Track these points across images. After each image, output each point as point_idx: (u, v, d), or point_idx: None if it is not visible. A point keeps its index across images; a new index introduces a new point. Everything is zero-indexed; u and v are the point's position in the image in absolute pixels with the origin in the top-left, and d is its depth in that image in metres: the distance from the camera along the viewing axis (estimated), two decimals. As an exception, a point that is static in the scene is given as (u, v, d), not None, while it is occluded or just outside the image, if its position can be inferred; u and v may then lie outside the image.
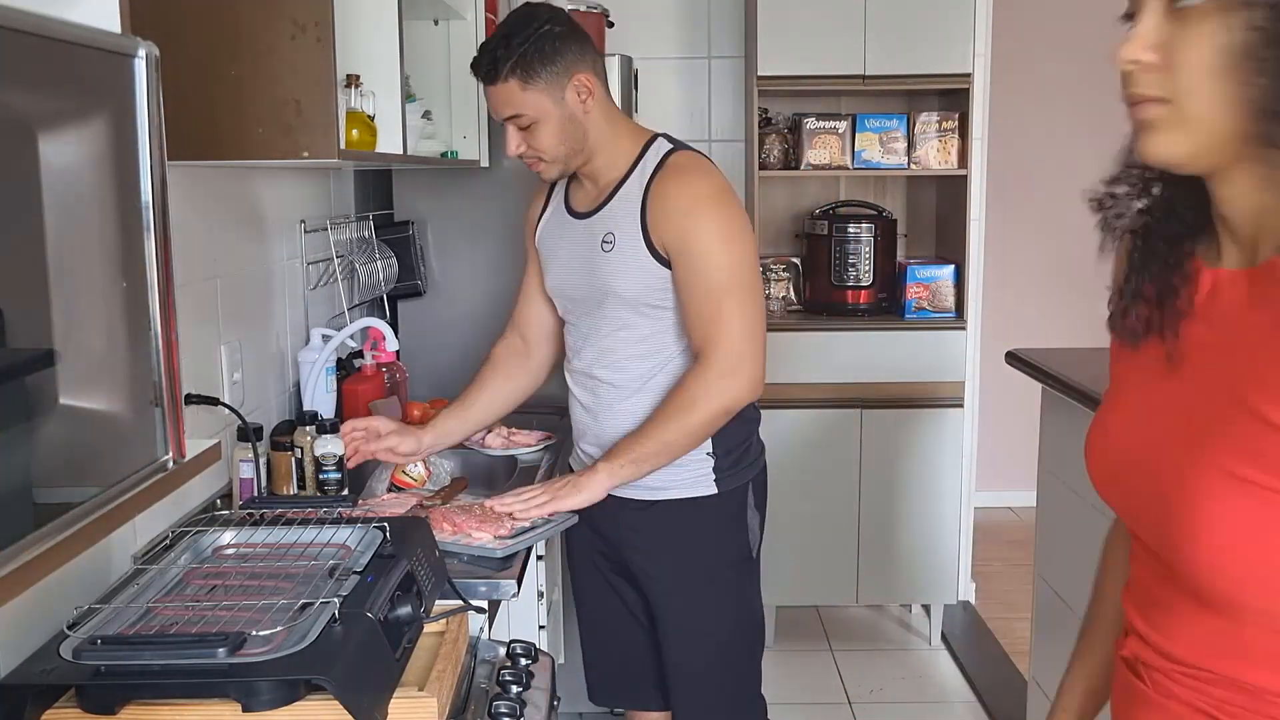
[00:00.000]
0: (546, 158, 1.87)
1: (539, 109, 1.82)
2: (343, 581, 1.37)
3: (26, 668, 1.22)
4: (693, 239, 1.82)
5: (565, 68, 1.81)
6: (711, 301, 1.82)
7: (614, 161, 1.90)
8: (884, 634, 3.74)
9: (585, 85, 1.83)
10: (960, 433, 3.54)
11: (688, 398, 1.84)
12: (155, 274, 1.18)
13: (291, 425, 2.08)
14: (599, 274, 1.90)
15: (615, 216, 1.89)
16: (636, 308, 1.89)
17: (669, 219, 1.83)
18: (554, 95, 1.82)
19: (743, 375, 1.84)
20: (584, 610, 2.20)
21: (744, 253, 1.86)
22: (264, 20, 1.66)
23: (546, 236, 2.05)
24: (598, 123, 1.87)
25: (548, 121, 1.83)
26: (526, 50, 1.79)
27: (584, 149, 1.88)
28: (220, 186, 2.06)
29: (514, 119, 1.84)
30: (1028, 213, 4.82)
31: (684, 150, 1.91)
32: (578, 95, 1.83)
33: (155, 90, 1.16)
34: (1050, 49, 4.74)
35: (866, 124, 3.50)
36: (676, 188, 1.84)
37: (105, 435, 1.18)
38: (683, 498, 1.94)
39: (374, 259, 2.75)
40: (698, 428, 1.85)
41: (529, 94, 1.81)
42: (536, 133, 1.84)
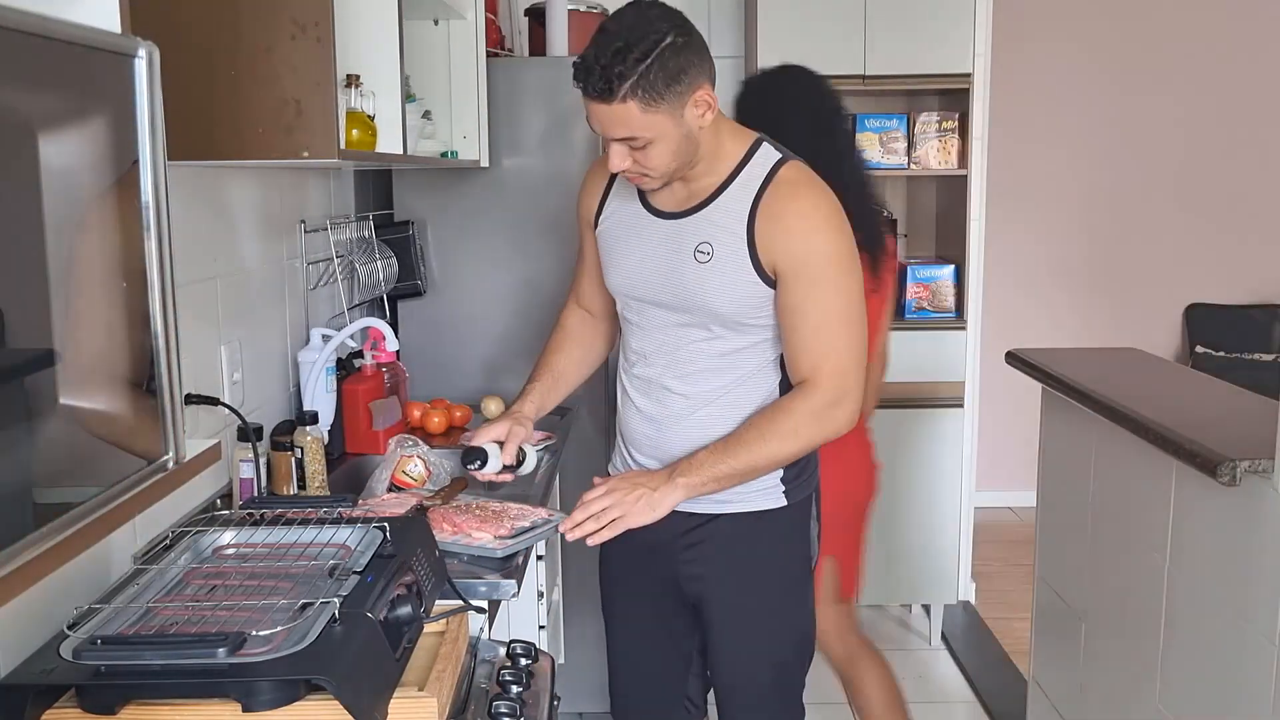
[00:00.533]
0: (655, 175, 1.70)
1: (659, 131, 1.63)
2: (343, 581, 1.37)
3: (26, 668, 1.22)
4: (813, 264, 1.70)
5: (689, 85, 1.62)
6: (827, 330, 1.72)
7: (714, 166, 1.75)
8: (884, 634, 3.74)
9: (706, 101, 1.65)
10: (960, 433, 3.53)
11: (791, 425, 1.74)
12: (155, 274, 1.18)
13: (291, 425, 2.08)
14: (690, 285, 1.76)
15: (713, 226, 1.74)
16: (728, 324, 1.77)
17: (787, 239, 1.70)
18: (675, 115, 1.63)
19: (847, 408, 1.75)
20: (619, 631, 2.06)
21: (859, 281, 1.76)
22: (264, 20, 1.66)
23: (613, 230, 1.86)
24: (708, 133, 1.71)
25: (665, 141, 1.64)
26: (650, 68, 1.58)
27: (694, 161, 1.72)
28: (220, 186, 2.06)
29: (627, 140, 1.64)
30: (1028, 213, 4.83)
31: (793, 161, 1.76)
32: (697, 109, 1.65)
33: (155, 90, 1.16)
34: (1050, 49, 4.74)
35: (866, 124, 3.50)
36: (795, 204, 1.71)
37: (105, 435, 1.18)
38: (750, 511, 1.84)
39: (374, 259, 2.75)
40: (789, 455, 1.77)
41: (650, 116, 1.61)
42: (649, 152, 1.65)
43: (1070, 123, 4.81)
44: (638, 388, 1.88)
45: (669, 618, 1.98)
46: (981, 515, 4.12)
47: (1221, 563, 1.83)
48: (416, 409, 2.62)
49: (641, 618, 2.01)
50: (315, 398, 2.29)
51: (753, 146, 1.77)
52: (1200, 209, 4.88)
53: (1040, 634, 2.69)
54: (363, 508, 1.80)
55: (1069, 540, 2.49)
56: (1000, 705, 3.20)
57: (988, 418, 4.13)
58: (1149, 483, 2.06)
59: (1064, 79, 4.77)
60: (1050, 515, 2.62)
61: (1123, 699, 2.20)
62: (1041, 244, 4.89)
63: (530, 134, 2.90)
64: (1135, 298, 4.94)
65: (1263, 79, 4.79)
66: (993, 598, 3.97)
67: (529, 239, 2.93)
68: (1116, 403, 2.08)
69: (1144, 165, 4.85)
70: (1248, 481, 1.69)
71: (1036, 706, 2.68)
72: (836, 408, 1.75)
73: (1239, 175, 4.85)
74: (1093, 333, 4.88)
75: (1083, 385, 2.25)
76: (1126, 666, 2.17)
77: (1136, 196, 4.87)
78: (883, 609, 3.88)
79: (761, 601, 1.90)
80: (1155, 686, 2.04)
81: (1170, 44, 4.75)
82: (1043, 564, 2.66)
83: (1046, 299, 4.93)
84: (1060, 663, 2.54)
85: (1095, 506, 2.33)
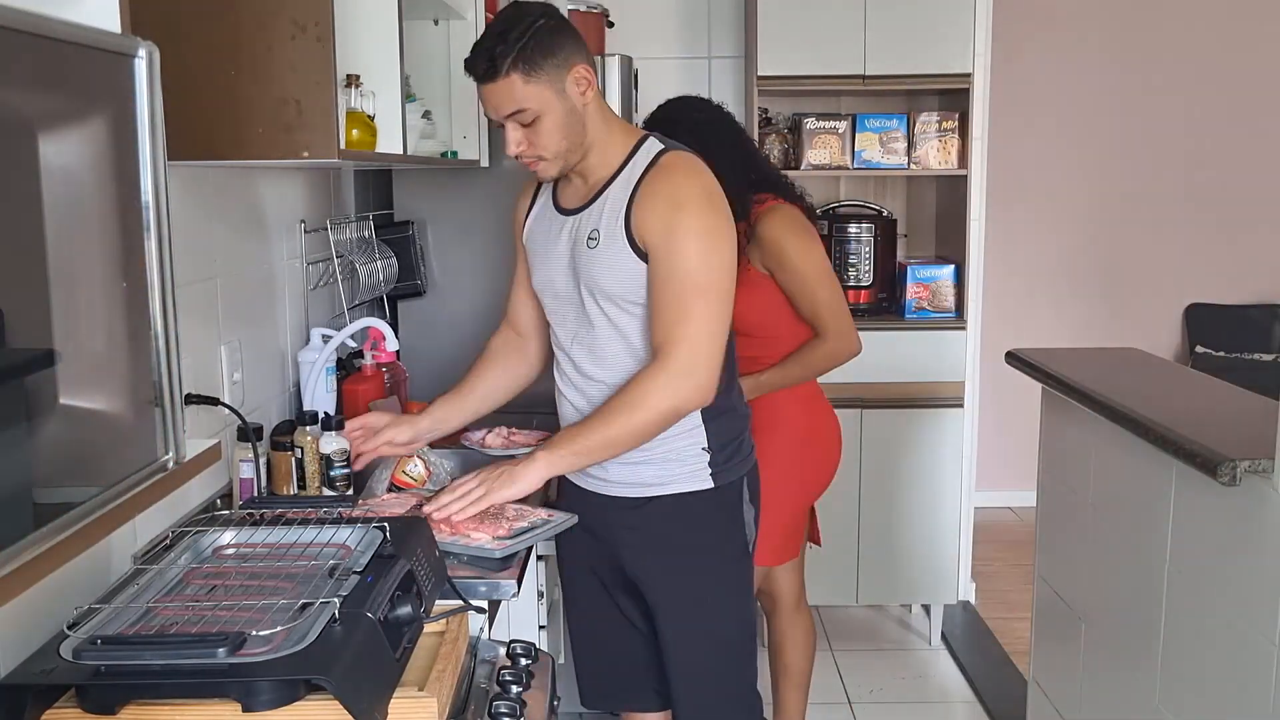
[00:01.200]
0: (549, 155, 1.82)
1: (542, 102, 1.76)
2: (343, 581, 1.37)
3: (26, 668, 1.22)
4: (673, 235, 1.79)
5: (565, 59, 1.77)
6: (681, 300, 1.79)
7: (605, 159, 1.87)
8: (884, 634, 3.74)
9: (585, 77, 1.80)
10: (960, 433, 3.54)
11: (638, 394, 1.80)
12: (155, 274, 1.18)
13: (291, 425, 2.08)
14: (583, 270, 1.87)
15: (602, 213, 1.86)
16: (621, 305, 1.86)
17: (654, 215, 1.80)
18: (556, 87, 1.77)
19: (697, 378, 1.80)
20: (574, 613, 2.17)
21: (722, 257, 1.83)
22: (264, 20, 1.66)
23: (534, 234, 2.01)
24: (594, 118, 1.83)
25: (551, 115, 1.78)
26: (526, 43, 1.74)
27: (583, 144, 1.84)
28: (220, 186, 2.06)
29: (516, 115, 1.78)
30: (1028, 213, 4.83)
31: (675, 150, 1.88)
32: (578, 87, 1.79)
33: (155, 90, 1.16)
34: (1050, 49, 4.74)
35: (866, 124, 3.50)
36: (664, 185, 1.81)
37: (105, 435, 1.18)
38: (679, 493, 1.92)
39: (374, 259, 2.75)
40: (642, 426, 1.81)
41: (531, 87, 1.75)
42: (539, 129, 1.79)
43: (1070, 123, 4.81)
44: (564, 380, 2.00)
45: (621, 603, 2.07)
46: (981, 515, 4.12)
47: (1221, 563, 1.83)
48: (416, 409, 2.62)
49: (595, 602, 2.10)
50: (315, 398, 2.29)
51: (640, 140, 1.89)
52: (1200, 209, 4.88)
53: (1040, 634, 2.69)
54: (363, 508, 1.80)
55: (1069, 540, 2.49)
56: (1000, 705, 3.20)
57: (988, 418, 4.13)
58: (1149, 483, 2.06)
59: (1064, 79, 4.77)
60: (1050, 515, 2.62)
61: (1123, 699, 2.20)
62: (1041, 244, 4.89)
63: (530, 134, 2.90)
64: (1135, 298, 4.94)
65: (1262, 78, 4.79)
66: (993, 598, 3.97)
67: (529, 239, 2.93)
68: (1116, 403, 2.08)
69: (1144, 165, 4.85)
70: (1248, 481, 1.69)
71: (1036, 706, 2.68)
72: (683, 378, 1.79)
73: (1239, 175, 4.85)
74: (1093, 333, 4.88)
75: (1083, 385, 2.25)
76: (1126, 666, 2.17)
77: (1137, 196, 4.87)
78: (883, 609, 3.88)
79: (696, 583, 1.97)
80: (1155, 686, 2.04)
81: (1170, 44, 4.76)
82: (1043, 564, 2.66)
83: (1046, 299, 4.93)
84: (1060, 663, 2.54)
85: (1095, 507, 2.33)
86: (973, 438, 3.78)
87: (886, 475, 3.52)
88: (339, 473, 2.03)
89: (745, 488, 1.99)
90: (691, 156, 1.88)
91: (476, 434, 2.42)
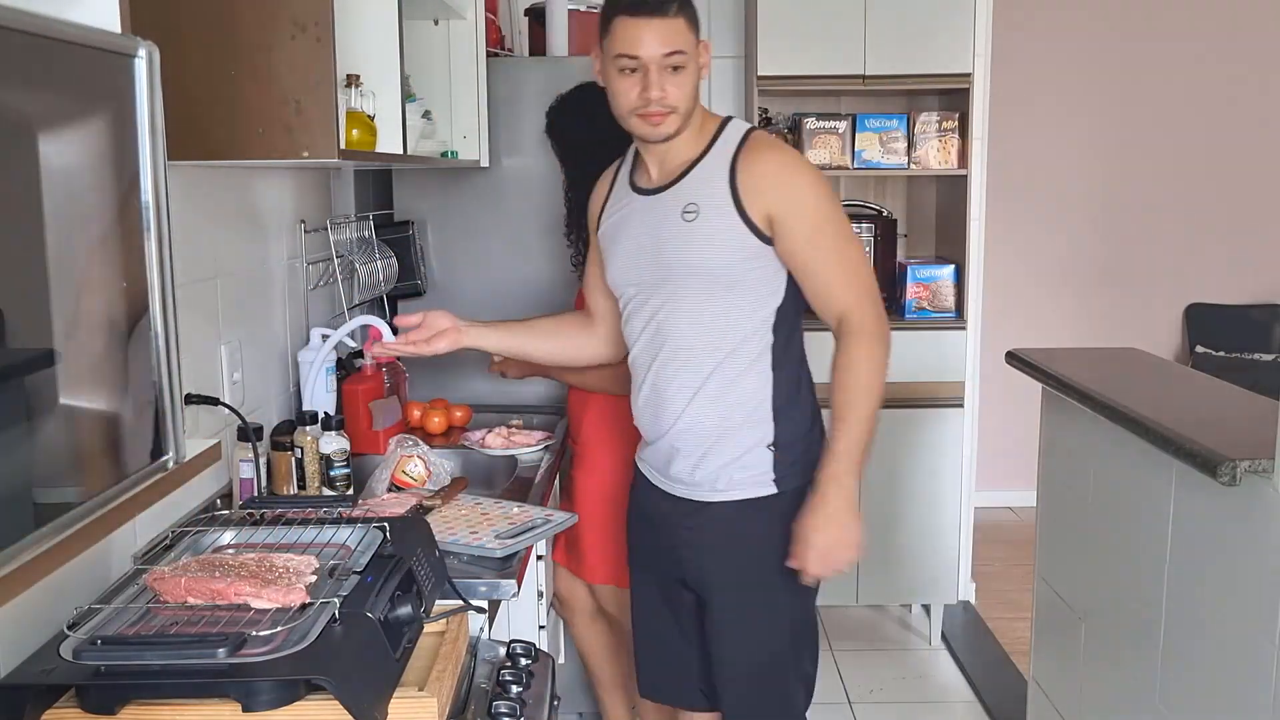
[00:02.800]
0: (681, 107, 1.82)
1: (692, 52, 1.82)
2: (343, 581, 1.37)
3: (26, 668, 1.22)
4: (801, 199, 1.81)
5: (699, 31, 1.86)
6: (840, 252, 1.84)
7: (692, 137, 1.87)
8: (884, 634, 3.74)
9: (708, 51, 1.88)
10: (960, 433, 3.53)
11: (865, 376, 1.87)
12: (155, 274, 1.18)
13: (291, 425, 2.08)
14: (676, 246, 1.84)
15: (697, 188, 1.85)
16: (720, 280, 1.83)
17: (774, 186, 1.81)
18: (696, 50, 1.83)
19: (885, 324, 1.89)
20: (635, 603, 2.15)
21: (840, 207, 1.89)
22: (264, 20, 1.66)
23: (611, 224, 1.98)
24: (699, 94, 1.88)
25: (691, 70, 1.82)
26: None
27: (694, 110, 1.86)
28: (220, 186, 2.06)
29: (671, 56, 1.79)
30: (1028, 213, 4.82)
31: (761, 130, 1.92)
32: (703, 58, 1.86)
33: (155, 90, 1.17)
34: (1050, 49, 4.74)
35: (866, 124, 3.50)
36: (771, 153, 1.84)
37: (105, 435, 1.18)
38: (742, 499, 1.89)
39: (374, 259, 2.75)
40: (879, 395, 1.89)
41: (690, 36, 1.82)
42: (680, 79, 1.81)
43: (1070, 122, 4.81)
44: (638, 375, 1.95)
45: (675, 596, 2.04)
46: (981, 515, 4.12)
47: (1221, 562, 1.83)
48: (416, 409, 2.63)
49: (652, 597, 2.09)
50: (315, 398, 2.29)
51: (725, 120, 1.91)
52: (1200, 209, 4.88)
53: (1040, 634, 2.69)
54: (363, 508, 1.80)
55: (1069, 540, 2.49)
56: (1000, 705, 3.20)
57: (988, 418, 4.12)
58: (1149, 483, 2.06)
59: (1064, 79, 4.77)
60: (1050, 515, 2.62)
61: (1123, 699, 2.20)
62: (1041, 244, 4.89)
63: (530, 134, 2.90)
64: (1135, 298, 4.94)
65: (1262, 79, 4.79)
66: (993, 598, 3.97)
67: (529, 239, 2.93)
68: (1116, 403, 2.08)
69: (1144, 165, 4.85)
70: (1248, 481, 1.69)
71: (1036, 706, 2.68)
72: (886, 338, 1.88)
73: (1239, 175, 4.85)
74: (1093, 333, 4.88)
75: (1083, 385, 2.25)
76: (1126, 666, 2.17)
77: (1137, 196, 4.87)
78: (883, 609, 3.88)
79: (753, 588, 1.93)
80: (1155, 686, 2.04)
81: (1169, 44, 4.75)
82: (1043, 564, 2.66)
83: (1046, 299, 4.93)
84: (1060, 663, 2.54)
85: (1095, 506, 2.33)
86: (973, 438, 3.78)
87: (886, 475, 3.52)
88: (339, 473, 2.03)
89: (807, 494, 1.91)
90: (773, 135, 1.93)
91: (476, 434, 2.43)
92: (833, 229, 1.83)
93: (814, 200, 1.82)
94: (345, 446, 2.04)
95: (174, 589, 1.32)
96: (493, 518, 1.90)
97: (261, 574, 1.34)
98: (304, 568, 1.37)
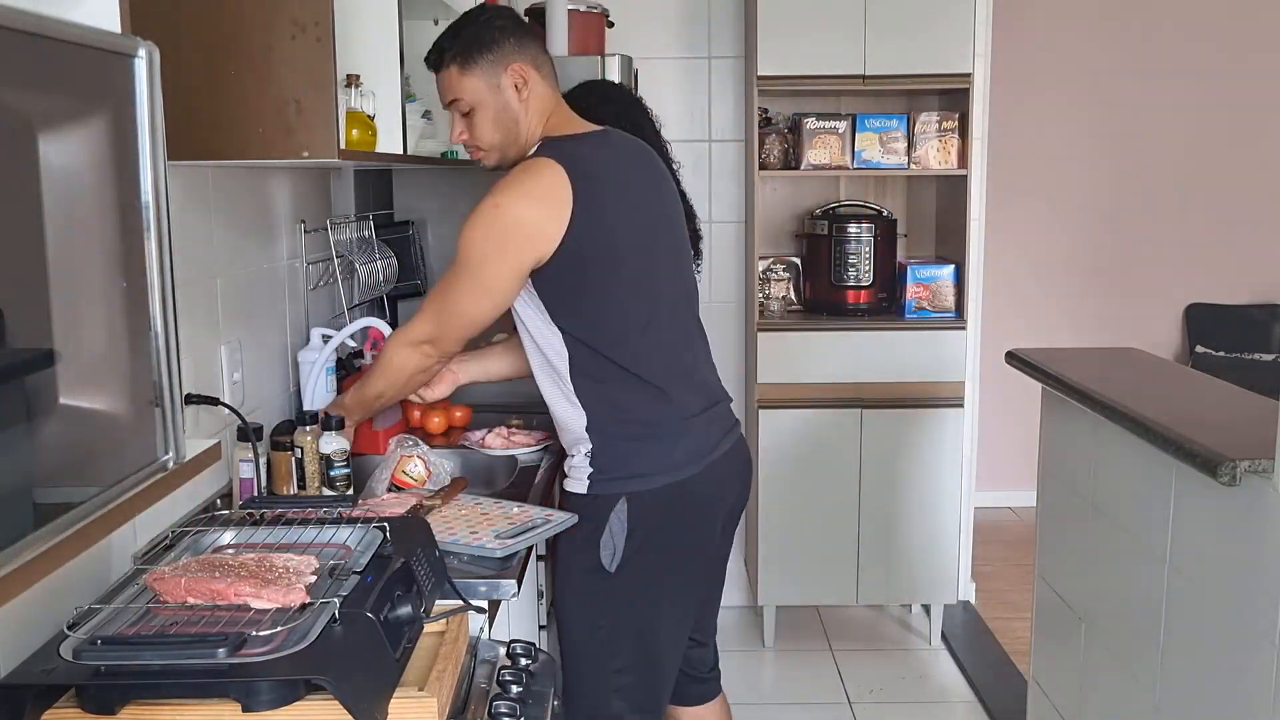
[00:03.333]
0: (484, 146, 1.92)
1: (475, 95, 1.88)
2: (343, 581, 1.37)
3: (26, 668, 1.22)
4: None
5: (503, 56, 1.87)
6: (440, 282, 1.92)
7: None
8: (884, 634, 3.74)
9: (522, 75, 1.88)
10: (960, 433, 3.53)
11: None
12: (155, 274, 1.18)
13: (291, 425, 2.08)
14: None
15: None
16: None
17: None
18: (491, 83, 1.88)
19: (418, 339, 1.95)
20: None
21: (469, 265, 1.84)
22: (264, 20, 1.66)
23: None
24: (532, 118, 1.91)
25: (484, 109, 1.89)
26: (468, 39, 1.87)
27: (516, 140, 1.91)
28: (220, 186, 2.06)
29: (452, 104, 1.91)
30: (1027, 213, 4.83)
31: (529, 159, 1.88)
32: (514, 85, 1.88)
33: (155, 90, 1.16)
34: (1050, 49, 4.74)
35: (866, 124, 3.49)
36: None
37: (105, 435, 1.18)
38: (567, 489, 1.96)
39: (374, 259, 2.75)
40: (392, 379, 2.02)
41: (466, 80, 1.88)
42: (474, 120, 1.90)
43: (1070, 123, 4.81)
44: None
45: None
46: (981, 515, 4.12)
47: (1221, 562, 1.83)
48: (416, 409, 2.62)
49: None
50: (315, 398, 2.29)
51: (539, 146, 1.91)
52: (1200, 209, 4.88)
53: (1040, 634, 2.69)
54: (363, 508, 1.80)
55: (1069, 540, 2.49)
56: (1000, 705, 3.20)
57: (988, 418, 4.13)
58: (1149, 483, 2.06)
59: (1064, 79, 4.77)
60: (1050, 515, 2.62)
61: (1123, 699, 2.20)
62: (1041, 244, 4.89)
63: (530, 134, 2.90)
64: (1135, 298, 4.94)
65: (1262, 79, 4.79)
66: (993, 598, 3.97)
67: (529, 239, 2.93)
68: (1116, 403, 2.08)
69: (1144, 165, 4.85)
70: (1248, 481, 1.69)
71: (1036, 706, 2.68)
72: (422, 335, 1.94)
73: (1239, 175, 4.85)
74: (1093, 333, 4.88)
75: (1083, 385, 2.25)
76: (1126, 666, 2.17)
77: (1137, 196, 4.87)
78: (883, 609, 3.89)
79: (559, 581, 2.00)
80: (1155, 686, 2.04)
81: (1170, 44, 4.76)
82: (1043, 564, 2.66)
83: (1046, 299, 4.93)
84: (1060, 663, 2.54)
85: (1095, 506, 2.33)
86: (973, 438, 3.78)
87: (886, 475, 3.52)
88: (339, 473, 2.03)
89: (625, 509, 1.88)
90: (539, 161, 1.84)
91: (476, 434, 2.43)
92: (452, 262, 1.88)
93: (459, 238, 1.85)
94: (345, 446, 2.04)
95: (174, 589, 1.32)
96: (492, 518, 1.90)
97: (261, 574, 1.34)
98: (304, 568, 1.37)
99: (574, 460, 1.94)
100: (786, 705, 3.27)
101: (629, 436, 1.91)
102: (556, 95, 1.96)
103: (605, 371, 1.88)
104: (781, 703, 3.30)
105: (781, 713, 3.23)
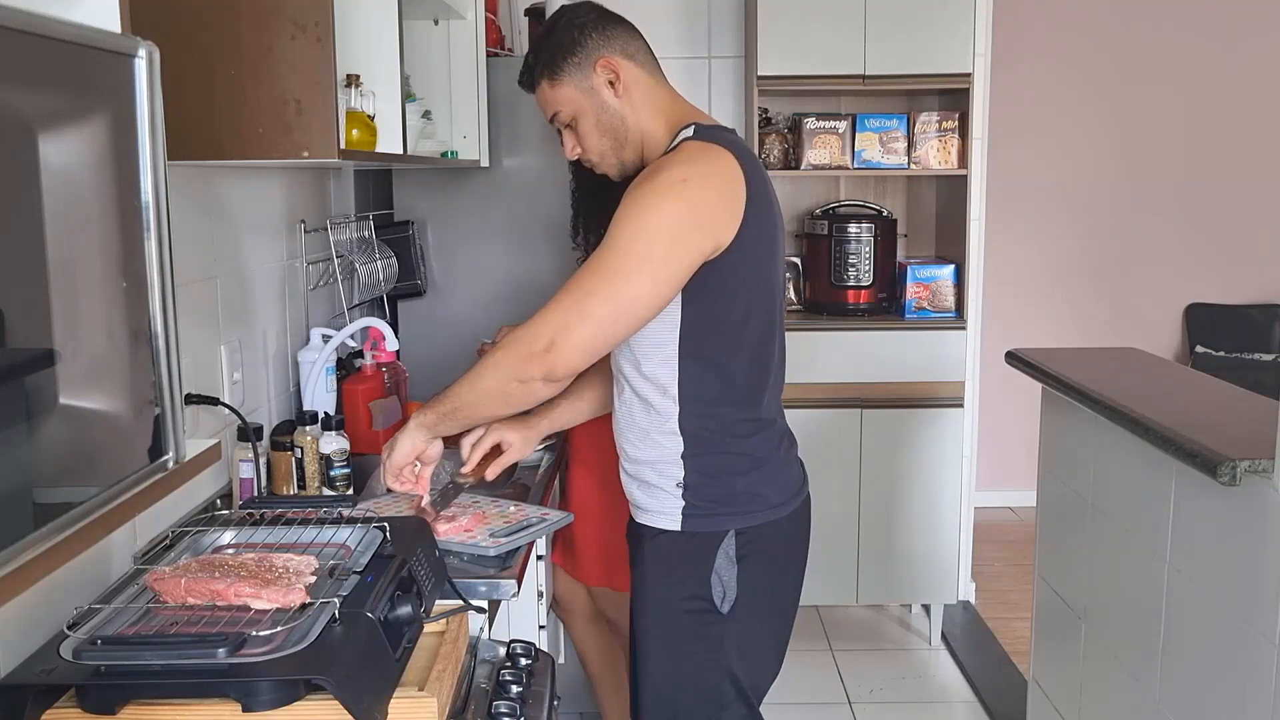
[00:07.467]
0: (595, 156, 1.77)
1: (571, 105, 1.74)
2: (343, 581, 1.37)
3: (26, 668, 1.22)
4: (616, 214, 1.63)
5: (587, 55, 1.72)
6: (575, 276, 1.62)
7: (652, 156, 1.75)
8: (884, 634, 3.74)
9: (611, 70, 1.72)
10: (960, 433, 3.53)
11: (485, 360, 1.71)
12: (155, 274, 1.18)
13: (291, 425, 2.09)
14: None
15: None
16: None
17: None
18: (582, 87, 1.73)
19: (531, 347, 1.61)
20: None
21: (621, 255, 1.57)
22: (264, 20, 1.66)
23: None
24: (640, 112, 1.74)
25: (585, 116, 1.74)
26: (550, 48, 1.74)
27: (628, 139, 1.75)
28: (220, 186, 2.06)
29: (555, 119, 1.78)
30: (1028, 213, 4.83)
31: (694, 141, 1.68)
32: (607, 82, 1.72)
33: (155, 90, 1.16)
34: (1050, 49, 4.74)
35: (866, 124, 3.50)
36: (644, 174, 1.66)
37: (105, 435, 1.18)
38: (644, 524, 1.77)
39: (374, 259, 2.75)
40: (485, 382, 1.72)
41: (559, 90, 1.74)
42: (580, 131, 1.76)
43: (1070, 122, 4.81)
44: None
45: None
46: (981, 515, 4.12)
47: (1222, 562, 1.83)
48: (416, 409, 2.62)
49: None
50: (315, 398, 2.29)
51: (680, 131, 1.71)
52: (1200, 209, 4.88)
53: (1040, 634, 2.69)
54: (362, 508, 1.80)
55: (1069, 540, 2.49)
56: (1000, 705, 3.20)
57: (988, 418, 4.13)
58: (1149, 483, 2.06)
59: (1064, 79, 4.77)
60: (1050, 515, 2.62)
61: (1123, 699, 2.20)
62: (1041, 244, 4.89)
63: (530, 134, 2.90)
64: (1135, 298, 4.94)
65: (1262, 79, 4.79)
66: (993, 598, 3.97)
67: (529, 239, 2.93)
68: (1116, 403, 2.08)
69: (1144, 165, 4.85)
70: (1248, 481, 1.69)
71: (1036, 706, 2.68)
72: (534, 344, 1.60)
73: (1239, 175, 4.85)
74: (1093, 333, 4.88)
75: (1083, 385, 2.25)
76: (1126, 666, 2.17)
77: (1136, 196, 4.87)
78: (883, 609, 3.89)
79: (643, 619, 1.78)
80: (1155, 686, 2.04)
81: (1170, 44, 4.76)
82: (1043, 564, 2.66)
83: (1046, 299, 4.93)
84: (1060, 663, 2.54)
85: (1095, 506, 2.33)
86: (973, 438, 3.78)
87: (886, 475, 3.52)
88: (339, 473, 2.03)
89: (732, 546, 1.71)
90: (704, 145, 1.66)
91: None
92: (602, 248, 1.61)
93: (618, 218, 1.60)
94: (345, 446, 2.03)
95: (174, 589, 1.32)
96: (489, 516, 1.90)
97: (261, 574, 1.34)
98: (304, 568, 1.37)
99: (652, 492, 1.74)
100: (786, 705, 3.27)
101: (734, 471, 1.72)
102: (664, 82, 1.79)
103: (723, 397, 1.69)
104: (781, 702, 3.29)
105: (781, 712, 3.23)
